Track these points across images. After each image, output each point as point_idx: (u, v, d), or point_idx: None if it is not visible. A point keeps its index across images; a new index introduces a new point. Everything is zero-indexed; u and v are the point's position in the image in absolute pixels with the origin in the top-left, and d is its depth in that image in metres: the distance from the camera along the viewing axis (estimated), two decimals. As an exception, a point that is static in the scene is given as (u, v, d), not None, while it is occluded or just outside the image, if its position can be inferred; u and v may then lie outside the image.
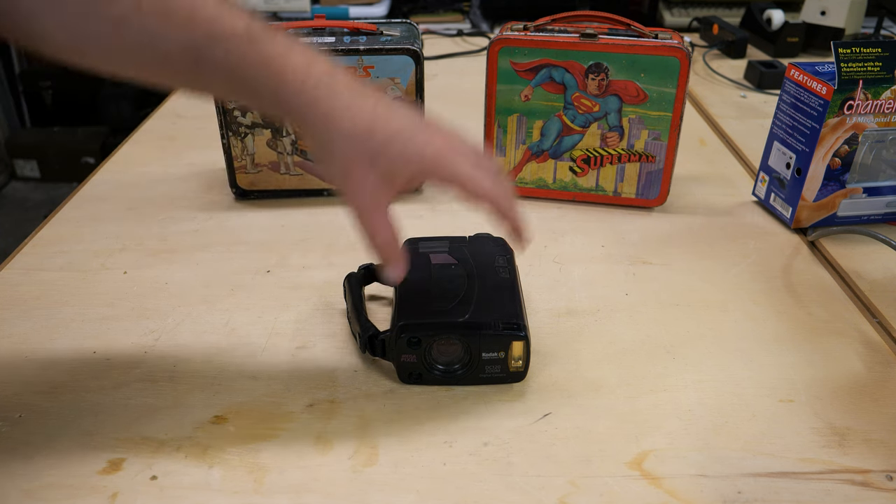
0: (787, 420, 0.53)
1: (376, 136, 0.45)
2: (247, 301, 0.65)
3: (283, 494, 0.46)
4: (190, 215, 0.79)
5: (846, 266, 0.70)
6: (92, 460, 0.49)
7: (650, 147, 0.77)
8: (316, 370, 0.57)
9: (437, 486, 0.47)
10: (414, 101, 0.77)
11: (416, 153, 0.46)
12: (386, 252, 0.49)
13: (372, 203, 0.47)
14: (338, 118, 0.45)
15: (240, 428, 0.51)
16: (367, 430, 0.51)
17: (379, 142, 0.45)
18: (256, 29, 0.44)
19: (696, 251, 0.73)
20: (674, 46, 0.72)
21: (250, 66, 0.44)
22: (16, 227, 2.41)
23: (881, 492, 0.47)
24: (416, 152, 0.46)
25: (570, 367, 0.57)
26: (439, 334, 0.53)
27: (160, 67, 0.45)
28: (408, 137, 0.46)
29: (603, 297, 0.66)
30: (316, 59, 0.46)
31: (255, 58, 0.44)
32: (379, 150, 0.45)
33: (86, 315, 0.63)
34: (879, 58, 0.68)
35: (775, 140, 0.77)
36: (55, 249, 0.72)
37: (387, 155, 0.45)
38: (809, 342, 0.60)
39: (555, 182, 0.81)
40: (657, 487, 0.47)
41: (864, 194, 0.75)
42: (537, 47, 0.74)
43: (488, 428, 0.51)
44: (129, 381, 0.55)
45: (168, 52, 0.44)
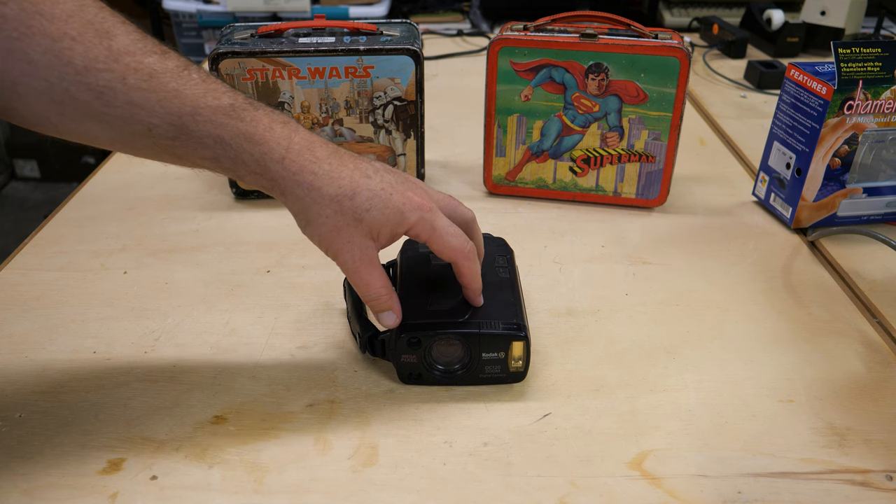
0: (786, 420, 0.53)
1: (358, 199, 0.48)
2: (247, 301, 0.65)
3: (283, 494, 0.46)
4: (190, 215, 0.79)
5: (846, 266, 0.70)
6: (92, 460, 0.49)
7: (650, 147, 0.77)
8: (316, 370, 0.57)
9: (437, 486, 0.47)
10: (414, 100, 0.77)
11: (395, 209, 0.49)
12: (380, 303, 0.52)
13: (361, 258, 0.50)
14: (321, 184, 0.48)
15: (240, 428, 0.51)
16: (367, 430, 0.51)
17: (360, 203, 0.48)
18: (240, 103, 0.47)
19: (696, 251, 0.73)
20: (674, 46, 0.72)
21: (234, 138, 0.46)
22: (16, 227, 2.41)
23: (881, 492, 0.47)
24: (395, 209, 0.49)
25: (570, 367, 0.57)
26: (439, 334, 0.53)
27: (142, 139, 0.46)
28: (387, 197, 0.48)
29: (603, 297, 0.66)
30: (297, 130, 0.49)
31: (238, 130, 0.46)
32: (362, 211, 0.48)
33: (85, 315, 0.63)
34: (879, 58, 0.68)
35: (775, 140, 0.77)
36: (55, 249, 0.72)
37: (370, 213, 0.48)
38: (809, 342, 0.60)
39: (555, 182, 0.81)
40: (657, 487, 0.47)
41: (864, 194, 0.75)
42: (537, 47, 0.74)
43: (488, 428, 0.52)
44: (129, 381, 0.55)
45: (151, 124, 0.45)
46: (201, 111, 0.46)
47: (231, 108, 0.46)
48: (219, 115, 0.46)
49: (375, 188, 0.48)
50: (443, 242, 0.51)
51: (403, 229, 0.50)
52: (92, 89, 0.43)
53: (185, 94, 0.45)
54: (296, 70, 0.74)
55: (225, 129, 0.46)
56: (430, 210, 0.50)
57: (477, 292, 0.54)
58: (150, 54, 0.45)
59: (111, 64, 0.43)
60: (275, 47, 0.73)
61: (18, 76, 0.42)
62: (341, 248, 0.49)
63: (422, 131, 0.80)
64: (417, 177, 0.82)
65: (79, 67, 0.43)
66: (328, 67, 0.74)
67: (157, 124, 0.45)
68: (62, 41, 0.42)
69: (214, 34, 1.78)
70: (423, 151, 0.81)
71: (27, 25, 0.42)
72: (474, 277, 0.53)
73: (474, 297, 0.54)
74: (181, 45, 1.85)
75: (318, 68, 0.74)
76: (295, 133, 0.48)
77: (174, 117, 0.45)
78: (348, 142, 0.79)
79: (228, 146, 0.47)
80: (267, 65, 0.74)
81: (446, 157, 0.93)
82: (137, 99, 0.44)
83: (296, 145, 0.48)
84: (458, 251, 0.51)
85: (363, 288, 0.51)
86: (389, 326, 0.53)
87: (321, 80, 0.75)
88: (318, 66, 0.74)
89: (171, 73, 0.45)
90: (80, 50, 0.43)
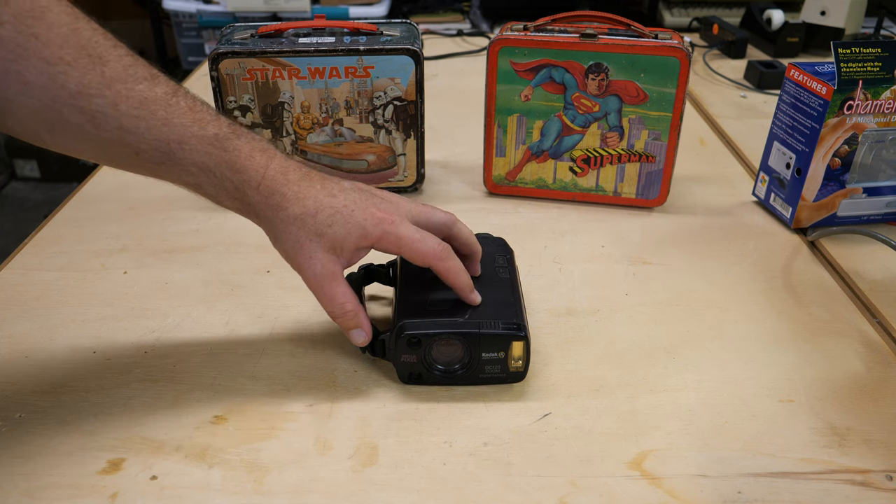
0: (786, 420, 0.53)
1: (321, 216, 0.50)
2: (247, 301, 0.65)
3: (283, 494, 0.46)
4: (190, 215, 0.79)
5: (846, 266, 0.70)
6: (92, 460, 0.49)
7: (650, 147, 0.77)
8: (316, 370, 0.57)
9: (437, 486, 0.47)
10: (414, 100, 0.77)
11: (357, 224, 0.51)
12: (346, 319, 0.53)
13: (323, 272, 0.51)
14: (287, 206, 0.50)
15: (240, 428, 0.51)
16: (367, 430, 0.51)
17: (322, 220, 0.50)
18: (224, 133, 0.49)
19: (696, 251, 0.73)
20: (674, 46, 0.72)
21: (217, 166, 0.49)
22: (16, 227, 2.41)
23: (881, 492, 0.47)
24: (356, 223, 0.51)
25: (570, 367, 0.57)
26: (439, 334, 0.53)
27: (129, 161, 0.48)
28: (350, 212, 0.51)
29: (603, 297, 0.66)
30: (274, 157, 0.51)
31: (221, 160, 0.49)
32: (324, 227, 0.50)
33: (85, 315, 0.63)
34: (879, 58, 0.68)
35: (775, 140, 0.77)
36: (55, 249, 0.72)
37: (331, 228, 0.50)
38: (809, 342, 0.60)
39: (555, 182, 0.81)
40: (657, 487, 0.47)
41: (864, 194, 0.75)
42: (537, 47, 0.74)
43: (488, 428, 0.51)
44: (129, 381, 0.55)
45: (140, 149, 0.47)
46: (188, 140, 0.48)
47: (215, 138, 0.48)
48: (204, 145, 0.48)
49: (338, 206, 0.50)
50: (412, 250, 0.52)
51: (367, 243, 0.51)
52: (84, 113, 0.45)
53: (174, 123, 0.47)
54: (296, 70, 0.74)
55: (209, 157, 0.48)
56: (393, 222, 0.51)
57: (466, 290, 0.54)
58: (140, 81, 0.46)
59: (104, 90, 0.45)
60: (275, 47, 0.73)
61: (13, 95, 0.44)
62: (303, 262, 0.51)
63: (422, 131, 0.80)
64: (417, 177, 0.82)
65: (72, 91, 0.44)
66: (328, 67, 0.74)
67: (144, 150, 0.47)
68: (57, 65, 0.44)
69: (214, 34, 1.78)
70: (423, 151, 0.81)
71: (23, 48, 0.43)
72: (457, 275, 0.53)
73: (465, 295, 0.54)
74: (181, 45, 1.86)
75: (318, 68, 0.74)
76: (272, 160, 0.50)
77: (162, 144, 0.47)
78: (348, 142, 0.79)
79: (212, 174, 0.49)
80: (267, 65, 0.74)
81: (446, 157, 0.93)
82: (128, 125, 0.46)
83: (271, 171, 0.50)
84: (429, 254, 0.52)
85: (326, 302, 0.52)
86: (359, 345, 0.54)
87: (321, 80, 0.75)
88: (318, 66, 0.74)
89: (161, 100, 0.47)
90: (75, 75, 0.44)
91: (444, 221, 0.55)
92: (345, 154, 0.80)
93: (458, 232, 0.56)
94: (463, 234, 0.56)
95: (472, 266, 0.57)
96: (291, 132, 0.78)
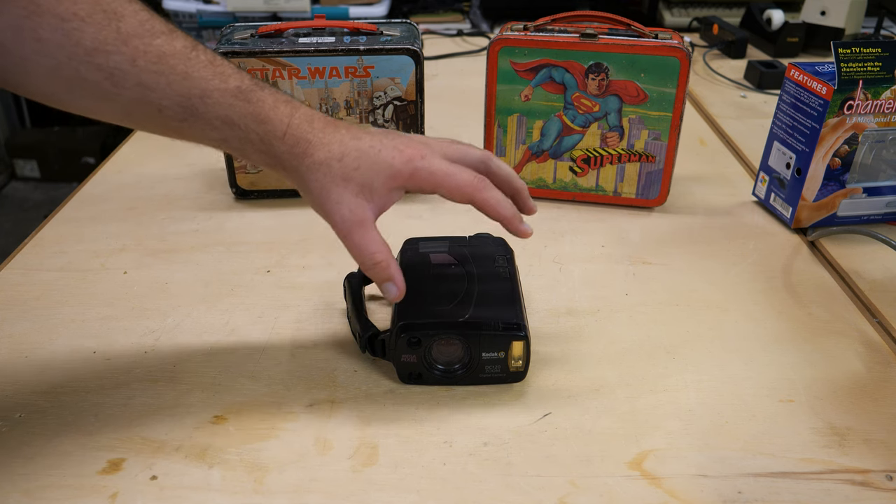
0: (786, 420, 0.53)
1: (347, 159, 0.48)
2: (247, 301, 0.65)
3: (283, 494, 0.46)
4: (190, 215, 0.79)
5: (846, 266, 0.70)
6: (92, 460, 0.49)
7: (650, 147, 0.77)
8: (316, 370, 0.57)
9: (437, 486, 0.47)
10: (414, 100, 0.77)
11: (385, 163, 0.48)
12: (378, 270, 0.50)
13: (352, 217, 0.48)
14: (312, 152, 0.48)
15: (240, 428, 0.51)
16: (367, 430, 0.51)
17: (349, 163, 0.48)
18: (246, 85, 0.48)
19: (696, 251, 0.73)
20: (674, 46, 0.72)
21: (241, 118, 0.47)
22: (16, 227, 2.41)
23: (881, 492, 0.47)
24: (385, 162, 0.48)
25: (570, 367, 0.57)
26: (439, 334, 0.53)
27: (152, 119, 0.47)
28: (376, 152, 0.48)
29: (603, 297, 0.66)
30: (298, 107, 0.49)
31: (245, 111, 0.47)
32: (350, 170, 0.48)
33: (85, 315, 0.63)
34: (879, 58, 0.68)
35: (775, 140, 0.77)
36: (55, 249, 0.72)
37: (358, 171, 0.48)
38: (809, 342, 0.60)
39: (555, 182, 0.81)
40: (657, 487, 0.47)
41: (864, 194, 0.75)
42: (537, 47, 0.74)
43: (488, 428, 0.51)
44: (129, 381, 0.55)
45: (161, 105, 0.46)
46: (210, 94, 0.46)
47: (238, 91, 0.47)
48: (227, 97, 0.47)
49: (364, 147, 0.48)
50: (447, 184, 0.49)
51: (399, 182, 0.49)
52: (102, 70, 0.44)
53: (194, 77, 0.46)
54: (296, 70, 0.74)
55: (233, 110, 0.47)
56: (423, 157, 0.49)
57: (515, 220, 0.51)
58: (158, 35, 0.45)
59: (120, 46, 0.44)
60: (275, 47, 0.73)
61: (28, 53, 0.43)
62: (331, 208, 0.49)
63: (422, 131, 0.79)
64: (417, 177, 0.82)
65: (88, 48, 0.43)
66: (328, 67, 0.74)
67: (167, 105, 0.46)
68: (71, 21, 0.42)
69: (214, 34, 1.78)
70: (423, 151, 0.81)
71: (36, 4, 0.42)
72: (500, 205, 0.50)
73: (515, 226, 0.51)
74: (181, 45, 1.85)
75: (318, 68, 0.74)
76: (296, 110, 0.49)
77: (184, 99, 0.46)
78: (348, 142, 0.79)
79: (236, 126, 0.47)
80: (267, 65, 0.74)
81: (446, 157, 0.93)
82: (147, 81, 0.45)
83: (296, 120, 0.48)
84: (466, 186, 0.49)
85: (356, 251, 0.49)
86: (392, 300, 0.51)
87: (321, 80, 0.75)
88: (318, 66, 0.74)
89: (180, 54, 0.46)
90: (90, 31, 0.43)
91: (481, 158, 0.52)
92: (345, 154, 0.80)
93: (496, 168, 0.53)
94: (503, 170, 0.53)
95: (525, 204, 0.54)
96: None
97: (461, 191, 0.49)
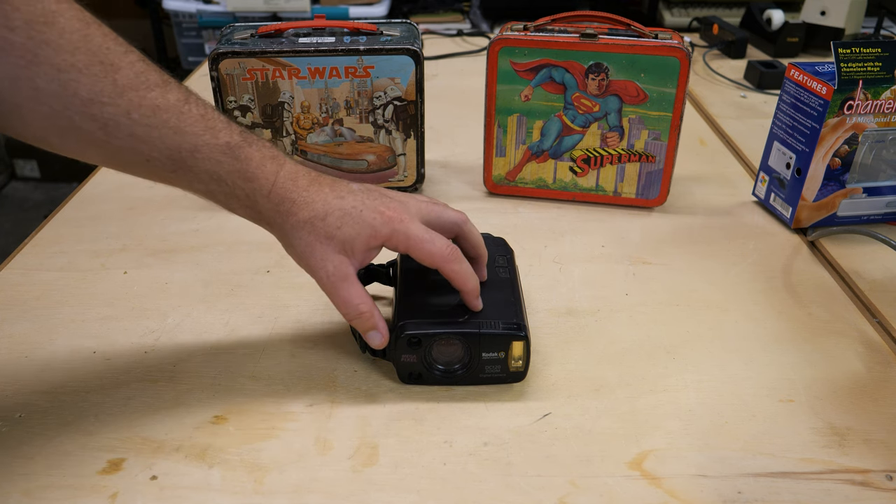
0: (787, 420, 0.53)
1: (330, 219, 0.50)
2: (247, 301, 0.65)
3: (283, 494, 0.46)
4: (190, 215, 0.78)
5: (846, 266, 0.70)
6: (92, 460, 0.49)
7: (650, 147, 0.77)
8: (316, 370, 0.57)
9: (437, 486, 0.47)
10: (414, 100, 0.77)
11: (366, 223, 0.50)
12: (362, 320, 0.52)
13: (336, 272, 0.51)
14: (296, 212, 0.50)
15: (240, 428, 0.51)
16: (367, 430, 0.51)
17: (332, 222, 0.50)
18: (235, 141, 0.49)
19: (696, 251, 0.73)
20: (674, 46, 0.72)
21: (228, 175, 0.48)
22: (16, 227, 2.41)
23: (881, 492, 0.47)
24: (366, 223, 0.50)
25: (570, 367, 0.57)
26: (439, 334, 0.53)
27: (139, 167, 0.48)
28: (358, 212, 0.50)
29: (603, 297, 0.66)
30: (284, 164, 0.51)
31: (233, 168, 0.49)
32: (333, 229, 0.50)
33: (85, 315, 0.63)
34: (879, 58, 0.68)
35: (775, 140, 0.77)
36: (55, 249, 0.72)
37: (340, 230, 0.50)
38: (809, 342, 0.60)
39: (555, 182, 0.81)
40: (657, 487, 0.47)
41: (864, 194, 0.75)
42: (537, 47, 0.74)
43: (488, 428, 0.51)
44: (129, 381, 0.55)
45: (150, 157, 0.47)
46: (200, 149, 0.47)
47: (227, 147, 0.48)
48: (216, 153, 0.48)
49: (347, 207, 0.50)
50: (420, 250, 0.51)
51: (377, 242, 0.51)
52: (96, 120, 0.45)
53: (186, 132, 0.47)
54: (296, 70, 0.74)
55: (221, 166, 0.48)
56: (402, 221, 0.51)
57: (472, 295, 0.53)
58: (152, 88, 0.46)
59: (116, 98, 0.45)
60: (275, 47, 0.73)
61: (24, 101, 0.43)
62: (316, 265, 0.51)
63: (422, 131, 0.80)
64: (417, 177, 0.82)
65: (84, 99, 0.44)
66: (328, 67, 0.74)
67: (156, 157, 0.47)
68: (69, 72, 0.43)
69: (214, 34, 1.78)
70: (423, 151, 0.81)
71: (34, 54, 0.42)
72: (465, 279, 0.53)
73: (470, 300, 0.54)
74: (181, 45, 1.85)
75: (318, 68, 0.74)
76: (282, 167, 0.50)
77: (174, 152, 0.47)
78: (348, 141, 0.79)
79: (223, 182, 0.49)
80: (267, 65, 0.74)
81: (446, 157, 0.93)
82: (139, 133, 0.46)
83: (281, 178, 0.50)
84: (437, 256, 0.52)
85: (341, 305, 0.52)
86: (376, 347, 0.53)
87: (321, 80, 0.75)
88: (318, 66, 0.74)
89: (173, 108, 0.47)
90: (86, 82, 0.44)
91: (455, 220, 0.55)
92: (345, 154, 0.80)
93: (468, 232, 0.55)
94: (473, 236, 0.56)
95: (479, 270, 0.57)
96: (291, 132, 0.78)
97: (432, 258, 0.52)
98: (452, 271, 0.52)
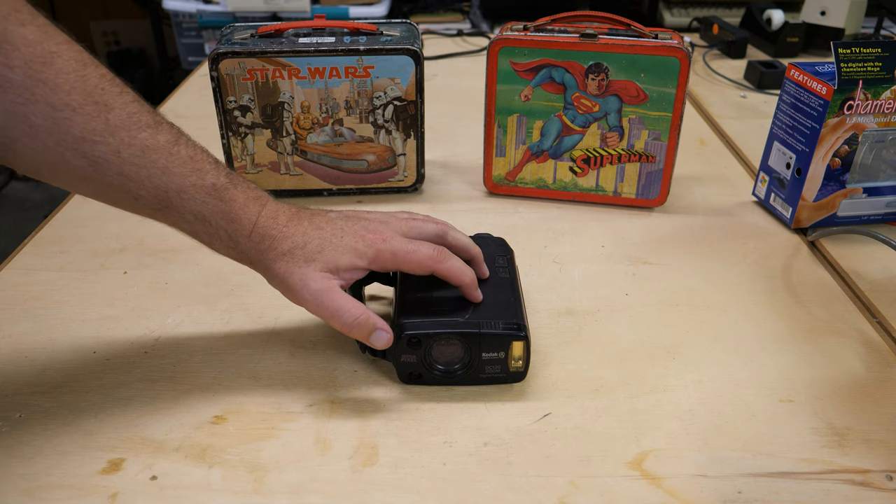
0: (787, 420, 0.53)
1: (309, 247, 0.51)
2: (247, 301, 0.65)
3: (283, 494, 0.46)
4: (190, 215, 0.78)
5: (846, 266, 0.70)
6: (92, 460, 0.49)
7: (650, 147, 0.77)
8: (316, 370, 0.57)
9: (437, 486, 0.47)
10: (414, 100, 0.77)
11: (348, 246, 0.52)
12: (358, 327, 0.51)
13: (319, 287, 0.51)
14: (276, 246, 0.51)
15: (240, 428, 0.51)
16: (367, 430, 0.51)
17: (311, 249, 0.51)
18: (221, 183, 0.50)
19: (696, 251, 0.73)
20: (674, 46, 0.72)
21: (213, 215, 0.50)
22: (16, 227, 2.41)
23: (881, 492, 0.47)
24: (348, 245, 0.52)
25: (570, 367, 0.57)
26: (439, 334, 0.53)
27: (127, 203, 0.49)
28: (339, 238, 0.52)
29: (603, 297, 0.66)
30: (266, 204, 0.52)
31: (216, 209, 0.50)
32: (313, 254, 0.51)
33: (85, 315, 0.63)
34: (879, 58, 0.68)
35: (775, 140, 0.77)
36: (55, 249, 0.72)
37: (321, 253, 0.51)
38: (809, 342, 0.60)
39: (555, 182, 0.81)
40: (657, 487, 0.47)
41: (864, 194, 0.75)
42: (537, 47, 0.74)
43: (488, 428, 0.52)
44: (129, 381, 0.55)
45: (138, 194, 0.48)
46: (186, 189, 0.49)
47: (213, 188, 0.49)
48: (202, 194, 0.49)
49: (326, 235, 0.52)
50: (408, 261, 0.52)
51: (363, 263, 0.52)
52: (87, 158, 0.46)
53: (173, 173, 0.48)
54: (296, 70, 0.74)
55: (206, 207, 0.49)
56: (385, 240, 0.52)
57: (471, 287, 0.54)
58: (143, 128, 0.47)
59: (107, 137, 0.46)
60: (275, 47, 0.73)
61: (18, 136, 0.44)
62: (297, 286, 0.51)
63: (422, 131, 0.80)
64: (417, 177, 0.82)
65: (77, 137, 0.45)
66: (328, 67, 0.74)
67: (143, 196, 0.48)
68: (63, 111, 0.44)
69: (214, 34, 1.78)
70: (423, 151, 0.81)
71: (31, 92, 0.43)
72: (460, 274, 0.53)
73: (470, 293, 0.54)
74: (181, 45, 1.86)
75: (318, 68, 0.74)
76: (264, 207, 0.52)
77: (161, 191, 0.48)
78: (348, 141, 0.79)
79: (207, 222, 0.50)
80: (267, 65, 0.74)
81: (446, 157, 0.93)
82: (128, 172, 0.47)
83: (262, 218, 0.51)
84: (426, 261, 0.52)
85: (334, 316, 0.51)
86: (383, 346, 0.52)
87: (321, 80, 0.75)
88: (318, 66, 0.74)
89: (162, 149, 0.48)
90: (79, 121, 0.45)
91: (436, 232, 0.55)
92: (345, 154, 0.80)
93: (452, 240, 0.56)
94: (459, 241, 0.56)
95: (478, 269, 0.57)
96: (291, 132, 0.78)
97: (423, 265, 0.52)
98: (445, 270, 0.53)
